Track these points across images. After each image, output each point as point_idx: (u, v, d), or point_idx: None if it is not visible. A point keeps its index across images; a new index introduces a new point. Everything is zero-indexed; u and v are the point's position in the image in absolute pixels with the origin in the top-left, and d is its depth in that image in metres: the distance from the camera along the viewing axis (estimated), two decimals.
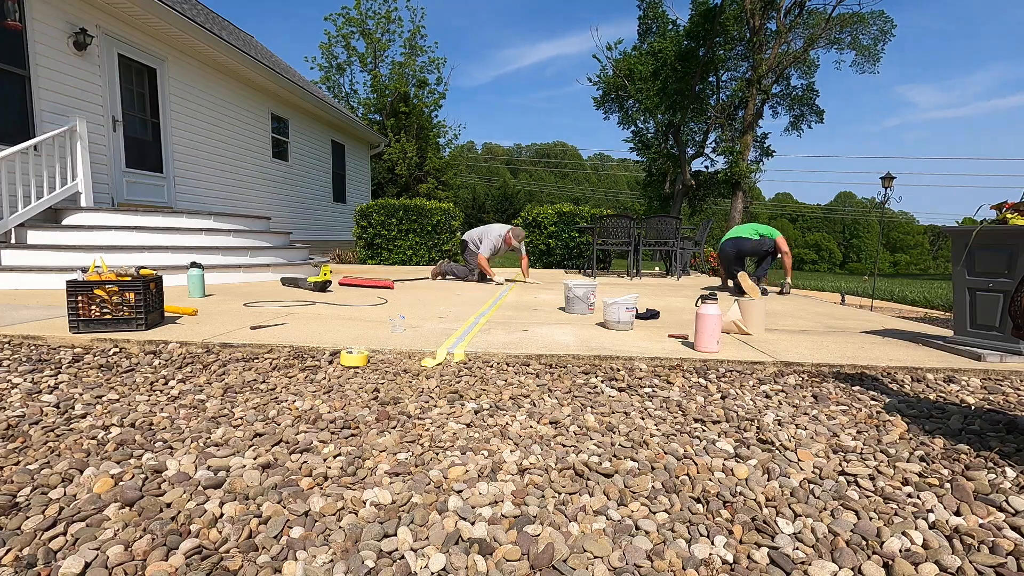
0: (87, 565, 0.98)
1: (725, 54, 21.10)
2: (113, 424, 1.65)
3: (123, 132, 6.72)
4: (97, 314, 2.69)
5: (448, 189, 21.37)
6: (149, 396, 1.91)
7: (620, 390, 2.10)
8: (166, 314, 3.24)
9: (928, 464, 1.48)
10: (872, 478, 1.39)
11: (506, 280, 6.58)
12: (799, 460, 1.49)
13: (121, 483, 1.27)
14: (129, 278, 2.76)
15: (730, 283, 5.78)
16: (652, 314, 3.49)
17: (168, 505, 1.19)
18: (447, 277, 6.61)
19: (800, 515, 1.21)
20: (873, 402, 2.02)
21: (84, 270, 3.21)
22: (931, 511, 1.23)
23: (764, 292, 5.31)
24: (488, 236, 6.20)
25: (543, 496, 1.28)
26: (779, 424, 1.77)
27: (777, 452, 1.54)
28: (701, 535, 1.13)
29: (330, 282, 4.89)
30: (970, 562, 1.04)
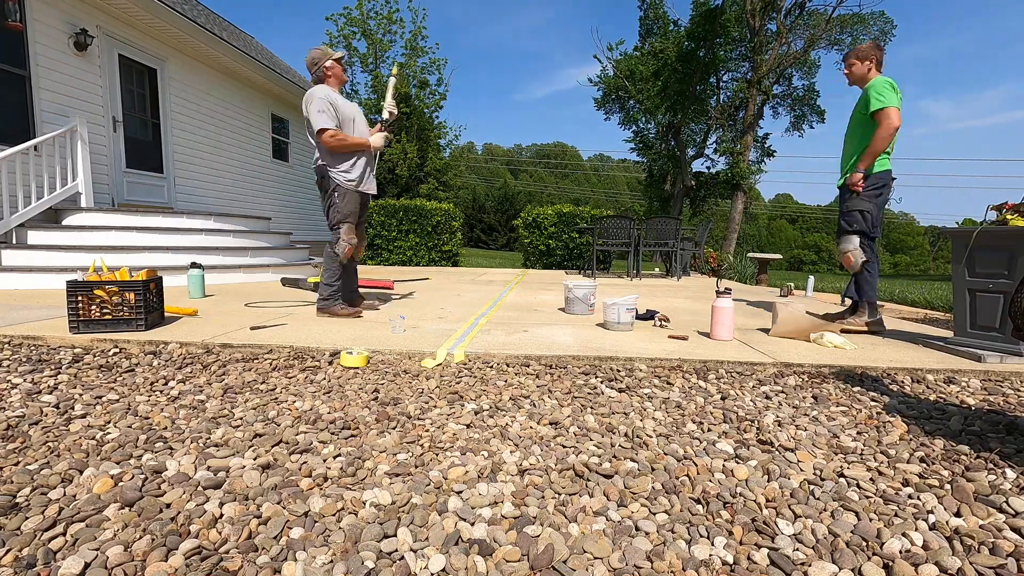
0: (87, 565, 0.98)
1: (726, 55, 21.09)
2: (113, 424, 1.65)
3: (123, 132, 6.72)
4: (97, 314, 2.69)
5: (448, 190, 21.37)
6: (149, 396, 1.91)
7: (620, 391, 2.10)
8: (166, 314, 3.24)
9: (928, 465, 1.48)
10: (872, 479, 1.39)
11: (505, 280, 6.62)
12: (799, 461, 1.48)
13: (121, 484, 1.27)
14: (128, 278, 2.76)
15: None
16: (651, 315, 3.49)
17: (168, 506, 1.19)
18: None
19: (800, 516, 1.21)
20: (873, 403, 2.01)
21: (84, 270, 3.20)
22: (931, 512, 1.23)
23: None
24: (316, 98, 3.30)
25: (543, 497, 1.28)
26: (779, 425, 1.76)
27: (777, 453, 1.54)
28: (701, 536, 1.13)
29: None
30: (970, 563, 1.04)
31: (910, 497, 1.30)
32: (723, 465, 1.45)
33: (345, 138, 3.28)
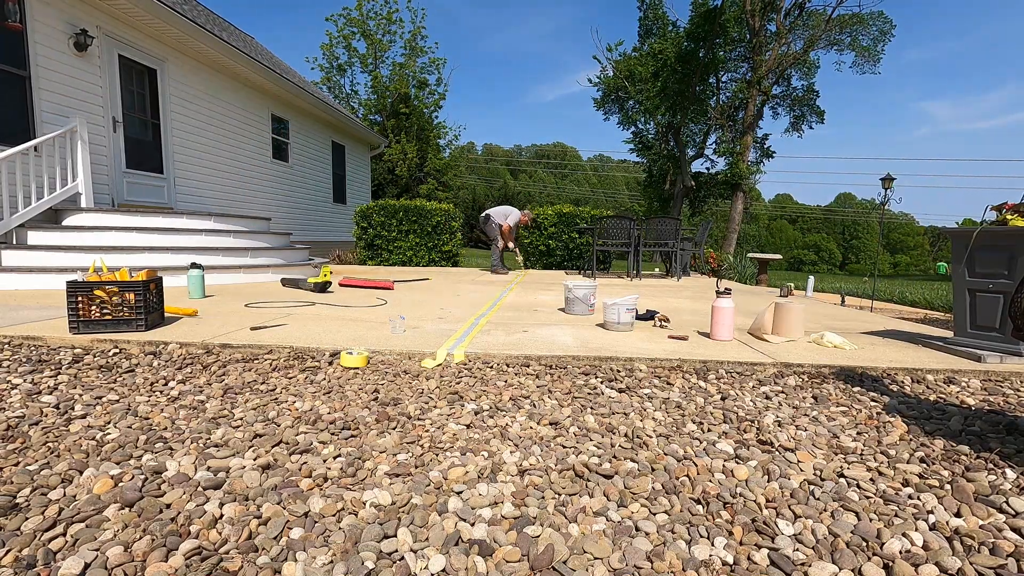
0: (87, 566, 0.98)
1: (725, 55, 21.09)
2: (113, 425, 1.65)
3: (123, 133, 6.72)
4: (97, 315, 2.69)
5: (448, 190, 21.41)
6: (149, 397, 1.91)
7: (620, 391, 2.10)
8: (166, 315, 3.24)
9: (928, 465, 1.48)
10: (872, 479, 1.39)
11: (505, 281, 6.64)
12: (799, 461, 1.48)
13: (121, 484, 1.27)
14: (128, 278, 2.75)
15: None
16: (651, 315, 3.49)
17: (168, 506, 1.19)
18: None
19: (800, 516, 1.21)
20: (873, 403, 2.02)
21: (84, 271, 3.20)
22: (931, 512, 1.23)
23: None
24: (513, 214, 8.13)
25: (543, 497, 1.28)
26: (779, 425, 1.76)
27: (777, 453, 1.54)
28: (701, 536, 1.13)
29: (330, 283, 4.89)
30: (970, 563, 1.04)
31: (910, 497, 1.30)
32: (723, 465, 1.45)
33: (508, 234, 7.97)
